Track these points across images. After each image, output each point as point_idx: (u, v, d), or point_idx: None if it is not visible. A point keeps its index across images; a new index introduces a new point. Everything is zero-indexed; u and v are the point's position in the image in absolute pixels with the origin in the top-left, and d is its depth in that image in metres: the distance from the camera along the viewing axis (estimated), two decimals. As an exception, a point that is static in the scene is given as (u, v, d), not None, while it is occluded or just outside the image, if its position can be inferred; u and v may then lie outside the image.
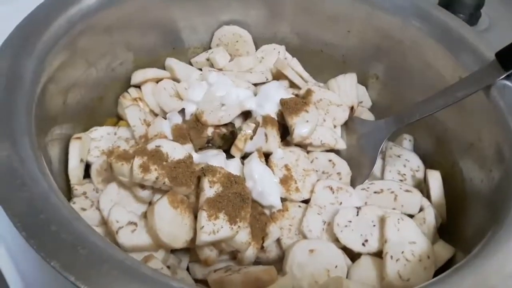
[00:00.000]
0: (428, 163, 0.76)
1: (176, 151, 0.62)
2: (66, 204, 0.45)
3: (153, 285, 0.39)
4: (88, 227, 0.43)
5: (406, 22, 0.77)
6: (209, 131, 0.73)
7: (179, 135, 0.70)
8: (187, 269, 0.63)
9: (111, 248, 0.41)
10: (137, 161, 0.59)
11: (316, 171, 0.70)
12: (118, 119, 0.80)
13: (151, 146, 0.61)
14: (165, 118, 0.74)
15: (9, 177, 0.45)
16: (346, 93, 0.81)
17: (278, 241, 0.64)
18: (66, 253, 0.39)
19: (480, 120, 0.68)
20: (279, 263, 0.62)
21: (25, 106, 0.54)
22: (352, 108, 0.80)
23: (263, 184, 0.65)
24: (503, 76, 0.64)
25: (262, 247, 0.63)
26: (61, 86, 0.65)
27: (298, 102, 0.73)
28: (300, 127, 0.70)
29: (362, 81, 0.87)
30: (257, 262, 0.63)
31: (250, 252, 0.62)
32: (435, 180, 0.69)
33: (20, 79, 0.56)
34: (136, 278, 0.39)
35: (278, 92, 0.77)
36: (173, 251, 0.62)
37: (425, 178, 0.73)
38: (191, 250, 0.63)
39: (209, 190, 0.60)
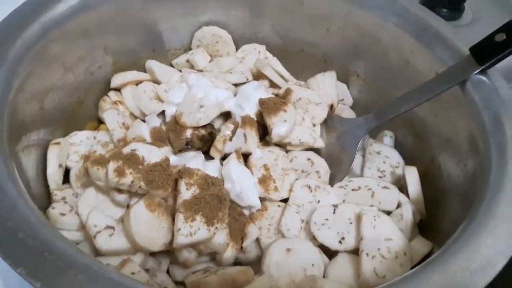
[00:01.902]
0: (409, 159, 0.77)
1: (152, 154, 0.62)
2: (35, 211, 0.45)
3: (119, 289, 0.39)
4: (56, 232, 0.43)
5: (385, 20, 0.78)
6: (188, 133, 0.73)
7: (158, 138, 0.70)
8: (167, 271, 0.63)
9: (78, 253, 0.42)
10: (112, 165, 0.59)
11: (295, 170, 0.71)
12: (99, 123, 0.80)
13: (126, 150, 0.61)
14: (145, 121, 0.74)
15: (-23, 185, 0.45)
16: (325, 91, 0.81)
17: (258, 241, 0.64)
18: (32, 260, 0.39)
19: (456, 114, 0.68)
20: (259, 263, 0.62)
21: (-5, 113, 0.54)
22: (332, 106, 0.81)
23: (242, 184, 0.65)
24: (477, 71, 0.65)
25: (242, 248, 0.63)
26: (36, 91, 0.65)
27: (277, 102, 0.73)
28: (278, 126, 0.70)
29: (343, 79, 0.87)
30: (237, 262, 0.64)
31: (229, 253, 0.62)
32: (412, 176, 0.69)
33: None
34: (103, 283, 0.39)
35: (258, 92, 0.77)
36: (153, 254, 0.62)
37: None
38: (171, 252, 0.63)
39: (186, 192, 0.61)
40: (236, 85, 0.82)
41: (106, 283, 0.39)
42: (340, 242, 0.60)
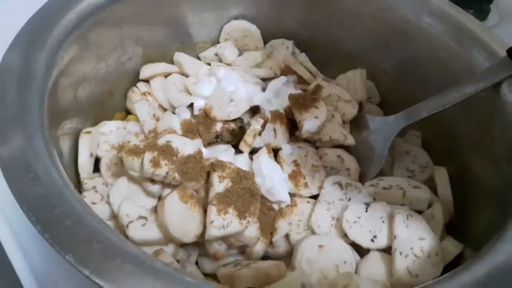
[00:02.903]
0: (437, 160, 0.76)
1: (186, 146, 0.62)
2: (79, 198, 0.45)
3: (167, 279, 0.39)
4: (101, 221, 0.43)
5: (418, 18, 0.77)
6: (218, 126, 0.73)
7: (188, 130, 0.70)
8: (196, 263, 0.64)
9: (124, 242, 0.42)
10: (148, 156, 0.59)
11: (325, 167, 0.70)
12: (127, 113, 0.80)
13: (161, 141, 0.61)
14: (174, 113, 0.74)
15: (23, 171, 0.45)
16: (355, 89, 0.80)
17: (287, 236, 0.64)
18: (80, 247, 0.40)
19: (490, 117, 0.67)
20: (288, 258, 0.62)
21: (37, 100, 0.55)
22: (361, 104, 0.80)
23: (272, 179, 0.65)
24: (514, 73, 0.64)
25: (271, 242, 0.64)
26: (72, 80, 0.66)
27: (307, 98, 0.73)
28: (309, 122, 0.70)
29: (371, 76, 0.87)
30: (265, 257, 0.64)
31: (259, 247, 0.62)
32: (442, 176, 0.69)
33: (32, 73, 0.56)
34: (150, 272, 0.40)
35: (287, 87, 0.77)
36: (183, 245, 0.62)
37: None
38: (200, 244, 0.63)
39: (219, 185, 0.61)
40: (264, 79, 0.82)
41: (154, 273, 0.39)
42: (372, 240, 0.60)
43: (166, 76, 0.81)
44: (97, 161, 0.70)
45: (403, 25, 0.78)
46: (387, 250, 0.60)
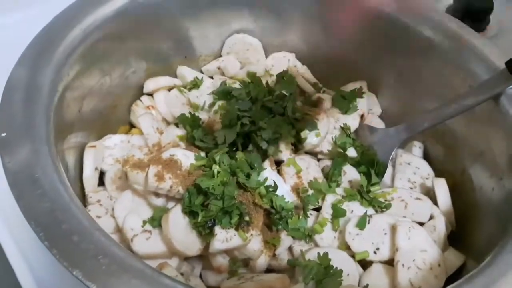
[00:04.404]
0: (438, 171, 0.77)
1: (189, 160, 0.63)
2: (86, 214, 0.46)
3: (173, 294, 0.40)
4: (107, 236, 0.44)
5: (417, 31, 0.78)
6: (221, 139, 0.73)
7: (192, 144, 0.71)
8: (200, 276, 0.64)
9: (131, 257, 0.42)
10: (152, 170, 0.60)
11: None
12: (130, 127, 0.81)
13: (165, 155, 0.62)
14: (178, 126, 0.75)
15: (31, 187, 0.46)
16: (356, 100, 0.81)
17: (290, 249, 0.65)
18: (88, 262, 0.40)
19: (491, 128, 0.68)
20: (291, 271, 0.63)
21: (44, 114, 0.56)
22: (362, 116, 0.81)
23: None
24: (513, 85, 0.65)
25: (274, 255, 0.64)
26: (77, 94, 0.67)
27: (309, 110, 0.74)
28: (311, 135, 0.71)
29: (372, 88, 0.88)
30: (269, 269, 0.64)
31: (262, 260, 0.62)
32: (441, 187, 0.70)
33: (39, 88, 0.58)
34: (156, 287, 0.40)
35: (289, 100, 0.78)
36: (186, 258, 0.63)
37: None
38: (203, 257, 0.64)
39: (222, 198, 0.61)
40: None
41: (160, 287, 0.40)
42: (375, 252, 0.61)
43: (169, 90, 0.82)
44: (101, 174, 0.70)
45: (404, 38, 0.79)
46: (390, 262, 0.61)
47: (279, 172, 0.70)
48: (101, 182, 0.70)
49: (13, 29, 0.81)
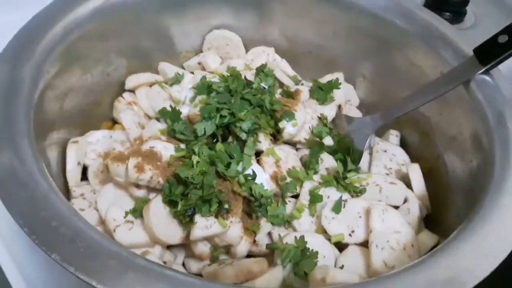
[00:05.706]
0: (415, 157, 0.79)
1: (169, 151, 0.65)
2: (65, 202, 0.47)
3: (147, 273, 0.42)
4: (86, 222, 0.46)
5: (390, 22, 0.81)
6: (202, 131, 0.75)
7: (172, 137, 0.73)
8: (183, 264, 0.66)
9: (107, 241, 0.44)
10: (132, 162, 0.61)
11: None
12: (113, 123, 0.83)
13: (145, 146, 0.64)
14: (159, 121, 0.76)
15: (11, 178, 0.48)
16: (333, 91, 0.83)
17: (270, 234, 0.67)
18: (66, 246, 0.42)
19: (461, 113, 0.71)
20: (271, 255, 0.64)
21: (24, 111, 0.57)
22: (339, 106, 0.83)
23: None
24: (481, 71, 0.67)
25: (255, 241, 0.66)
26: (58, 92, 0.68)
27: (287, 102, 0.76)
28: (289, 125, 0.73)
29: (350, 80, 0.90)
30: (249, 255, 0.66)
31: (243, 246, 0.64)
32: (415, 172, 0.72)
33: (19, 86, 0.59)
34: (132, 267, 0.42)
35: (268, 92, 0.80)
36: (169, 247, 0.65)
37: (409, 172, 0.75)
38: (186, 246, 0.66)
39: (202, 187, 0.63)
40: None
41: (135, 268, 0.42)
42: (350, 235, 0.63)
43: (151, 86, 0.84)
44: (84, 169, 0.72)
45: (377, 30, 0.81)
46: (365, 244, 0.63)
47: (258, 162, 0.72)
48: (84, 177, 0.72)
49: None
